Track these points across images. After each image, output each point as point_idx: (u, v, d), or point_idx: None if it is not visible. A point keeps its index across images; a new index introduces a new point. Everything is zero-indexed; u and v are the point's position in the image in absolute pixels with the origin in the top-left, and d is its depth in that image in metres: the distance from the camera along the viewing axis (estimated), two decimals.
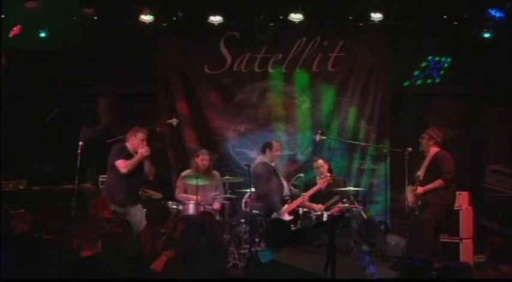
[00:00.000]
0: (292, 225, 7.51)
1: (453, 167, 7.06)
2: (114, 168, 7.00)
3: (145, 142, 7.00)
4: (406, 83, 8.88)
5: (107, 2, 8.46)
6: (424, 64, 8.77)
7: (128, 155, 7.02)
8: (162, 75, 9.31)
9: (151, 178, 7.26)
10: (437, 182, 7.04)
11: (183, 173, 8.11)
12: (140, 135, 7.03)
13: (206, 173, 7.89)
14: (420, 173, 7.12)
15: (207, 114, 9.25)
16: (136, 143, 7.01)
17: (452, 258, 7.10)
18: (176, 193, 8.06)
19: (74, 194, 7.51)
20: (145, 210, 7.28)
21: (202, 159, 7.95)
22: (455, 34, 8.36)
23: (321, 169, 7.95)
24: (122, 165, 6.93)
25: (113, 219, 7.04)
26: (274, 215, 7.32)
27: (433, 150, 7.21)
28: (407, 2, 8.21)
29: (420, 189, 7.07)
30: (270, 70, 9.17)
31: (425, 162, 7.18)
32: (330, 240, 4.64)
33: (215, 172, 8.12)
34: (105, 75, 9.10)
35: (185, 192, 8.00)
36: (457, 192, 7.55)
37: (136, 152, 6.96)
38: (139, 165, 7.00)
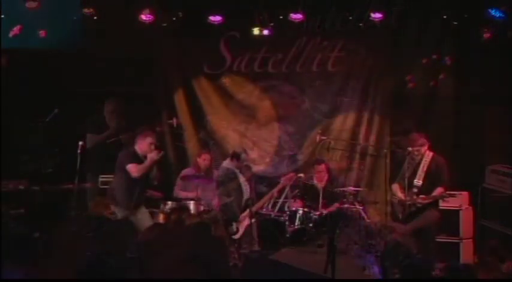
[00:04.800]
0: (292, 226, 7.55)
1: (449, 173, 7.04)
2: (124, 172, 6.93)
3: (153, 146, 6.94)
4: (406, 83, 8.88)
5: (107, 2, 8.46)
6: (424, 64, 8.77)
7: (137, 158, 6.96)
8: (161, 76, 9.33)
9: (156, 183, 7.25)
10: (439, 191, 6.95)
11: (183, 172, 8.16)
12: (149, 139, 6.96)
13: (207, 172, 7.95)
14: (418, 180, 7.00)
15: (206, 114, 9.28)
16: (145, 147, 6.95)
17: (452, 258, 7.11)
18: (175, 191, 8.09)
19: (74, 194, 7.52)
20: (147, 211, 7.29)
21: (204, 159, 8.06)
22: (455, 34, 8.36)
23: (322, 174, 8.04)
24: (134, 170, 6.85)
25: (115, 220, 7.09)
26: (234, 223, 7.44)
27: (428, 154, 7.09)
28: (408, 2, 8.21)
29: (422, 199, 6.92)
30: (270, 70, 9.19)
31: (423, 168, 7.05)
32: (330, 240, 4.65)
33: (215, 171, 8.18)
34: (105, 75, 9.09)
35: (184, 190, 8.04)
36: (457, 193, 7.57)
37: (145, 156, 6.91)
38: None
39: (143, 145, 6.97)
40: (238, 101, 9.26)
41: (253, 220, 7.29)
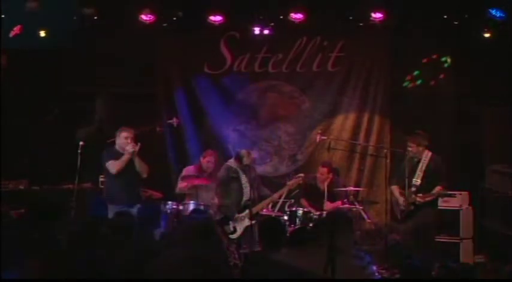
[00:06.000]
0: (292, 225, 7.54)
1: (446, 172, 7.06)
2: (107, 170, 7.09)
3: (129, 140, 6.98)
4: (406, 83, 8.88)
5: (107, 1, 8.47)
6: (424, 64, 8.78)
7: (117, 155, 7.04)
8: (162, 76, 9.33)
9: (145, 175, 7.20)
10: (438, 190, 6.97)
11: (185, 170, 8.14)
12: (124, 134, 7.04)
13: (210, 173, 7.90)
14: (416, 179, 7.02)
15: (207, 114, 9.27)
16: (122, 142, 7.03)
17: (452, 258, 7.10)
18: (177, 187, 8.05)
19: (74, 194, 7.52)
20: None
21: (208, 160, 7.94)
22: (455, 34, 8.36)
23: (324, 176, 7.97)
24: (111, 166, 7.00)
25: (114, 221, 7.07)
26: (230, 222, 7.37)
27: (427, 154, 7.11)
28: (408, 2, 8.21)
29: (421, 197, 6.95)
30: (270, 70, 9.19)
31: (422, 168, 7.08)
32: (330, 240, 4.63)
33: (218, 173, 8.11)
34: (105, 75, 9.09)
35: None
36: (457, 193, 7.57)
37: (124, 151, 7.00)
38: (130, 164, 7.01)
39: (120, 140, 7.06)
40: (238, 101, 9.26)
41: (253, 221, 7.26)
